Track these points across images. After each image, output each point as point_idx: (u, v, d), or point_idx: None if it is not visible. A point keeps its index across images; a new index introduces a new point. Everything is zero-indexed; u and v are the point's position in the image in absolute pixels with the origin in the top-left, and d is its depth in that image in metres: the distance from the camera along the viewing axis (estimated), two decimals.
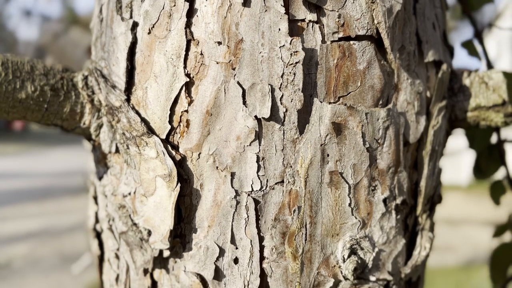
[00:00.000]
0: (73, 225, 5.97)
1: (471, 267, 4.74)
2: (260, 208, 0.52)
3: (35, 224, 6.03)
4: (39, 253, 4.95)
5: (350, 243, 0.54)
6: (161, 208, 0.53)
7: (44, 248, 5.13)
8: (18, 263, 4.61)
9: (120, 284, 0.62)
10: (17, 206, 6.98)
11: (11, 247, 5.08)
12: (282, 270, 0.53)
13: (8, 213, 6.60)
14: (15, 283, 4.11)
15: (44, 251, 5.00)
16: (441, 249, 5.21)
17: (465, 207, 7.46)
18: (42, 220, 6.23)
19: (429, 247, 0.60)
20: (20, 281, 4.17)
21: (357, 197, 0.54)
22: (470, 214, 6.73)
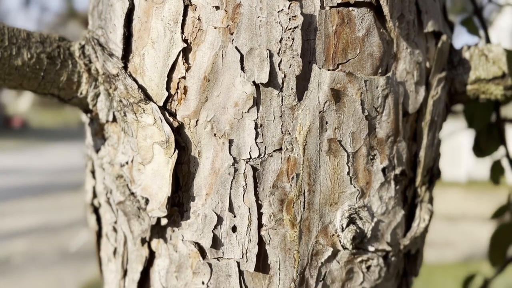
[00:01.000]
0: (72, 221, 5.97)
1: (470, 263, 4.74)
2: (258, 176, 0.51)
3: (34, 220, 6.03)
4: (38, 249, 4.95)
5: (348, 212, 0.54)
6: (159, 175, 0.52)
7: (43, 244, 5.13)
8: (17, 259, 4.61)
9: (118, 257, 0.62)
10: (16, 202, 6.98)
11: (10, 243, 5.08)
12: (280, 238, 0.52)
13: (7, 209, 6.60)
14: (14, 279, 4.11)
15: (43, 247, 5.00)
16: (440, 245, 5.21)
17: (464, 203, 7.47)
18: (41, 216, 6.23)
19: (428, 219, 0.60)
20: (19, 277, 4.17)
21: (355, 166, 0.53)
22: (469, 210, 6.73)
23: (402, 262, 0.63)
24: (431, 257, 4.68)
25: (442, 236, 5.48)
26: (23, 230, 5.64)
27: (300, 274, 0.53)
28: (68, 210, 6.56)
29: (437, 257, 4.74)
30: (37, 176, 9.19)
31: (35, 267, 4.43)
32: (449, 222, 6.15)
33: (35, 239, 5.30)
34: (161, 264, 0.56)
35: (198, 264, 0.54)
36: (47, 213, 6.46)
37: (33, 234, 5.47)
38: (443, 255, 4.80)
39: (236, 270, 0.53)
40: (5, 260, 4.58)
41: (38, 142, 15.36)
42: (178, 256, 0.55)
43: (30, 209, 6.66)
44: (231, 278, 0.53)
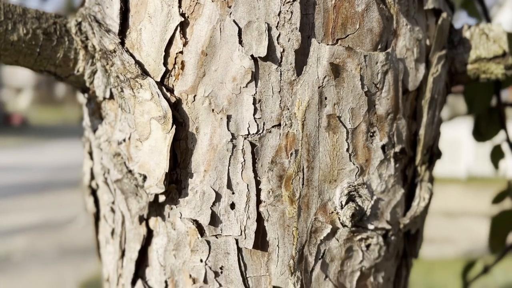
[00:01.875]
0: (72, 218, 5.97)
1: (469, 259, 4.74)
2: (256, 152, 0.51)
3: (34, 217, 6.03)
4: (38, 246, 4.96)
5: (348, 189, 0.53)
6: (156, 151, 0.52)
7: (43, 241, 5.13)
8: (17, 256, 4.61)
9: (116, 237, 0.61)
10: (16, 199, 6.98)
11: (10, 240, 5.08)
12: (279, 214, 0.52)
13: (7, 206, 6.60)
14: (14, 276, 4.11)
15: (43, 244, 5.01)
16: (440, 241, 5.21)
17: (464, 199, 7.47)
18: (41, 213, 6.23)
19: (428, 198, 0.59)
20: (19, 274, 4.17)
21: (355, 143, 0.53)
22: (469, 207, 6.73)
23: (402, 242, 0.62)
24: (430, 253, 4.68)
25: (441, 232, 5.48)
26: (23, 227, 5.64)
27: (299, 251, 0.53)
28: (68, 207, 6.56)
29: (436, 253, 4.74)
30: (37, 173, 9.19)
31: (35, 264, 4.43)
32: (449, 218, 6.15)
33: (35, 236, 5.31)
34: (159, 243, 0.56)
35: (196, 241, 0.53)
36: (47, 210, 6.46)
37: (33, 231, 5.48)
38: (442, 251, 4.81)
39: (234, 247, 0.53)
40: (5, 257, 4.58)
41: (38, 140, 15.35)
42: (176, 234, 0.54)
43: (30, 206, 6.66)
44: (229, 255, 0.53)
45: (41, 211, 6.40)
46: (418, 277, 4.02)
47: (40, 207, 6.63)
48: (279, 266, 0.53)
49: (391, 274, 0.62)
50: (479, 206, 6.65)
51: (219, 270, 0.53)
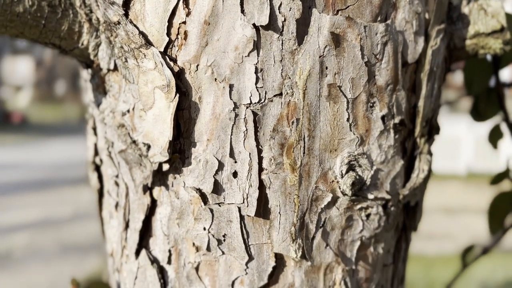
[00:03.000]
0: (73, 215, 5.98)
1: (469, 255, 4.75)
2: (258, 120, 0.52)
3: (35, 214, 6.05)
4: (39, 242, 4.97)
5: (348, 159, 0.54)
6: (160, 120, 0.53)
7: (43, 237, 5.14)
8: (18, 253, 4.63)
9: (119, 209, 0.62)
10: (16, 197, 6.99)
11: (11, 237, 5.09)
12: (281, 182, 0.53)
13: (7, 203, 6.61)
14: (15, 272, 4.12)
15: (44, 241, 5.02)
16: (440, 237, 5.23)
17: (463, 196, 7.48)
18: (41, 210, 6.25)
19: (428, 169, 0.60)
20: (20, 270, 4.18)
21: (355, 113, 0.54)
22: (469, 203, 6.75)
23: (402, 215, 0.63)
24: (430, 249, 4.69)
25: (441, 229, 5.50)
26: (24, 224, 5.65)
27: (300, 219, 0.54)
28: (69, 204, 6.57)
29: (436, 249, 4.76)
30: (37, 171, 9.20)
31: (36, 261, 4.45)
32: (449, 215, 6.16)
33: (36, 233, 5.32)
34: (163, 212, 0.57)
35: (199, 210, 0.54)
36: (48, 207, 6.47)
37: (34, 228, 5.49)
38: (442, 247, 4.82)
39: (237, 215, 0.54)
40: (6, 254, 4.59)
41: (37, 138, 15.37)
42: (179, 203, 0.55)
43: (31, 203, 6.67)
44: (232, 223, 0.54)
45: (41, 208, 6.41)
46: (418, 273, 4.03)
47: (40, 204, 6.65)
48: (281, 233, 0.54)
49: (391, 246, 0.63)
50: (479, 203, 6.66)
51: (222, 238, 0.54)
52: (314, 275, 0.56)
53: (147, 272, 0.58)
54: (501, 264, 4.52)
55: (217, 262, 0.55)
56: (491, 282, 4.20)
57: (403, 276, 0.69)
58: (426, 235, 5.09)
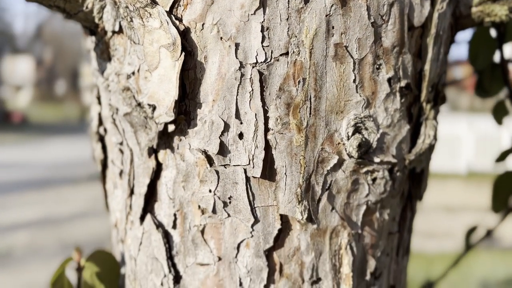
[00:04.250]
0: (73, 214, 5.98)
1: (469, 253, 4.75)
2: (264, 80, 0.52)
3: (35, 213, 6.05)
4: (40, 241, 4.97)
5: (354, 121, 0.54)
6: (166, 80, 0.53)
7: (44, 236, 5.14)
8: (19, 251, 4.63)
9: (124, 176, 0.62)
10: (17, 196, 6.99)
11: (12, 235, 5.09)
12: (287, 143, 0.53)
13: (8, 202, 6.61)
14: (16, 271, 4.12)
15: (44, 239, 5.02)
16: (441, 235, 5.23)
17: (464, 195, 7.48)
18: (42, 209, 6.25)
19: (433, 135, 0.60)
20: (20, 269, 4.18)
21: (361, 74, 0.54)
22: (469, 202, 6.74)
23: (407, 182, 0.63)
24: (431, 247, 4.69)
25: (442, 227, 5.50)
26: (25, 222, 5.65)
27: (306, 181, 0.53)
28: (69, 203, 6.58)
29: (437, 247, 4.75)
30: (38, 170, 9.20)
31: (37, 259, 4.44)
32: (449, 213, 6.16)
33: (36, 231, 5.32)
34: (168, 176, 0.56)
35: (205, 172, 0.54)
36: (48, 206, 6.47)
37: (34, 227, 5.49)
38: (443, 245, 4.82)
39: (243, 176, 0.53)
40: (6, 252, 4.59)
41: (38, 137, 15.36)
42: (185, 166, 0.55)
43: (31, 202, 6.67)
44: (238, 185, 0.54)
45: (41, 207, 6.41)
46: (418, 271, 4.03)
47: (40, 203, 6.65)
48: (287, 195, 0.53)
49: (397, 213, 0.63)
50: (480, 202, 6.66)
51: (228, 200, 0.54)
52: (320, 238, 0.56)
53: (152, 237, 0.58)
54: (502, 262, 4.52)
55: (222, 224, 0.55)
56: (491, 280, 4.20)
57: (408, 246, 0.68)
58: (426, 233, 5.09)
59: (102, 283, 0.66)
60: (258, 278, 0.55)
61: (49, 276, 1.97)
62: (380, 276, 0.62)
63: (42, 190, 7.45)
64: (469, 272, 4.28)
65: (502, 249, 4.98)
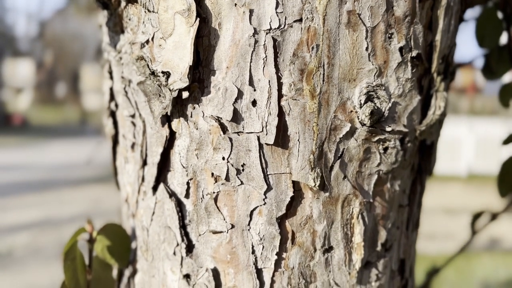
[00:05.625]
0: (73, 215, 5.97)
1: (471, 255, 4.76)
2: (278, 46, 0.52)
3: (35, 215, 6.05)
4: (40, 242, 4.97)
5: (366, 89, 0.54)
6: (180, 46, 0.53)
7: (44, 237, 5.14)
8: (19, 252, 4.63)
9: (136, 148, 0.62)
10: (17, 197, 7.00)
11: (12, 237, 5.09)
12: (300, 109, 0.53)
13: (9, 203, 6.61)
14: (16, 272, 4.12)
15: (44, 241, 5.02)
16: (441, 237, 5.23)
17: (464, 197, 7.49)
18: (42, 211, 6.25)
19: (444, 106, 0.60)
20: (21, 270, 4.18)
21: (374, 42, 0.54)
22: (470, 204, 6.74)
23: (417, 156, 0.63)
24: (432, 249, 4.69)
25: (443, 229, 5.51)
26: (25, 224, 5.66)
27: (319, 148, 0.54)
28: (69, 205, 6.58)
29: (438, 249, 4.75)
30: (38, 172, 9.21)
31: (37, 260, 4.45)
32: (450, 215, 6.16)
33: (36, 232, 5.33)
34: (181, 144, 0.57)
35: (218, 139, 0.54)
36: (48, 207, 6.48)
37: (35, 228, 5.49)
38: (443, 247, 4.82)
39: (256, 143, 0.54)
40: (7, 254, 4.59)
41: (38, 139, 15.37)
42: (198, 133, 0.55)
43: (32, 204, 6.68)
44: (251, 152, 0.54)
45: (42, 208, 6.42)
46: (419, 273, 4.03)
47: (41, 204, 6.65)
48: (300, 161, 0.54)
49: (407, 186, 0.63)
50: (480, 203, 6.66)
51: (241, 167, 0.55)
52: (332, 207, 0.56)
53: (165, 206, 0.58)
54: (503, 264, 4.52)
55: (235, 192, 0.55)
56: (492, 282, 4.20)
57: (417, 221, 0.69)
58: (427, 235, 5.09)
59: (113, 257, 0.67)
60: (271, 246, 0.55)
61: (49, 277, 1.96)
62: (391, 248, 0.62)
63: (42, 192, 7.46)
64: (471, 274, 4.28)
65: (503, 251, 4.98)
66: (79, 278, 0.63)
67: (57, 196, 7.18)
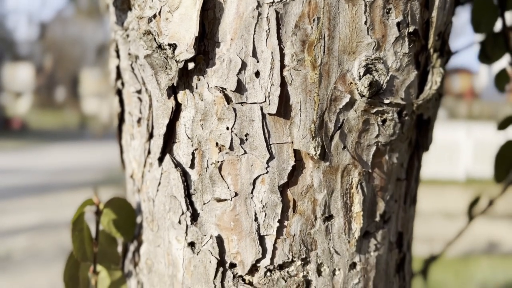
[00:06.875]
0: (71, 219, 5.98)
1: (469, 258, 4.78)
2: (281, 18, 0.54)
3: (34, 218, 6.06)
4: (39, 246, 4.98)
5: (365, 62, 0.57)
6: (186, 18, 0.55)
7: (43, 241, 5.15)
8: (18, 256, 4.63)
9: (143, 122, 0.64)
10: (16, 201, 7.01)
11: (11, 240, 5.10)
12: (302, 79, 0.55)
13: (8, 207, 6.62)
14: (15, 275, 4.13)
15: (43, 244, 5.03)
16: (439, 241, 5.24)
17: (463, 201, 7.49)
18: (41, 214, 6.26)
19: (440, 81, 0.63)
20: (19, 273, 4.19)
21: (372, 17, 0.56)
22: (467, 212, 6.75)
23: (414, 131, 0.66)
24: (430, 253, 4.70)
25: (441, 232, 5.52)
26: (24, 227, 5.66)
27: (320, 118, 0.56)
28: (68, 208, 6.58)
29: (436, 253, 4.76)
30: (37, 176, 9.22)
31: (36, 263, 4.45)
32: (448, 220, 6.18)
33: (35, 236, 5.33)
34: (187, 116, 0.59)
35: (223, 109, 0.56)
36: (47, 211, 6.48)
37: (34, 231, 5.50)
38: None
39: (259, 114, 0.56)
40: (6, 257, 4.60)
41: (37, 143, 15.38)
42: (203, 104, 0.57)
43: (31, 207, 6.68)
44: (254, 122, 0.56)
45: (41, 212, 6.43)
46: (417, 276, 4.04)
47: (40, 208, 6.66)
48: (301, 130, 0.56)
49: (405, 160, 0.65)
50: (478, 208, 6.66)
51: (244, 137, 0.56)
52: (332, 176, 0.58)
53: (170, 176, 0.60)
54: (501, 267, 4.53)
55: (239, 161, 0.57)
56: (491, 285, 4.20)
57: (415, 196, 0.71)
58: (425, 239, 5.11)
59: (119, 231, 0.68)
60: (273, 213, 0.57)
61: (48, 280, 1.97)
62: (389, 220, 0.64)
63: (41, 195, 7.47)
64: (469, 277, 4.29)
65: (501, 255, 4.99)
66: (86, 249, 0.65)
67: (56, 200, 7.19)
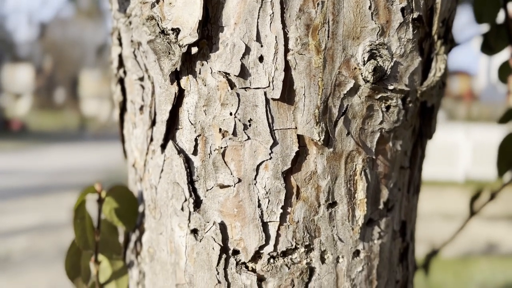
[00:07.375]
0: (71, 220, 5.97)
1: (468, 259, 4.78)
2: (285, 2, 0.54)
3: (34, 219, 6.06)
4: (38, 246, 4.97)
5: (369, 47, 0.56)
6: (190, 2, 0.55)
7: (42, 241, 5.14)
8: (17, 256, 4.63)
9: (145, 109, 0.64)
10: (16, 202, 7.00)
11: (11, 240, 5.09)
12: (306, 63, 0.55)
13: (7, 207, 6.61)
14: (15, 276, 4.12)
15: (42, 245, 5.02)
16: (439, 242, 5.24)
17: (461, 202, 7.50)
18: (41, 215, 6.26)
19: (444, 68, 0.62)
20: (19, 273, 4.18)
21: (376, 2, 0.56)
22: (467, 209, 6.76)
23: (418, 119, 0.65)
24: None
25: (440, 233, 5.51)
26: (23, 228, 5.66)
27: (324, 103, 0.56)
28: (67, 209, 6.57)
29: None
30: (37, 177, 9.21)
31: (35, 264, 4.45)
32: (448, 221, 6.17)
33: (35, 237, 5.33)
34: (190, 102, 0.58)
35: (226, 95, 0.56)
36: (47, 212, 6.48)
37: (33, 232, 5.50)
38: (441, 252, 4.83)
39: (263, 99, 0.55)
40: (5, 257, 4.59)
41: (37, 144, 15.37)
42: (207, 90, 0.57)
43: (30, 208, 6.68)
44: (258, 108, 0.56)
45: (40, 212, 6.42)
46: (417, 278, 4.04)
47: (39, 209, 6.65)
48: (305, 115, 0.55)
49: (408, 148, 0.65)
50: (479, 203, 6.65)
51: (248, 122, 0.56)
52: (336, 162, 0.58)
53: (173, 162, 0.60)
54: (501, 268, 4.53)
55: (242, 147, 0.57)
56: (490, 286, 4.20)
57: (418, 185, 0.70)
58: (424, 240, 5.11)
59: (120, 220, 0.68)
60: (276, 200, 0.57)
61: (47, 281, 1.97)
62: (393, 208, 0.64)
63: (41, 196, 7.46)
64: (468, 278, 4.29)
65: (501, 256, 4.99)
66: (88, 237, 0.65)
67: (56, 201, 7.18)
